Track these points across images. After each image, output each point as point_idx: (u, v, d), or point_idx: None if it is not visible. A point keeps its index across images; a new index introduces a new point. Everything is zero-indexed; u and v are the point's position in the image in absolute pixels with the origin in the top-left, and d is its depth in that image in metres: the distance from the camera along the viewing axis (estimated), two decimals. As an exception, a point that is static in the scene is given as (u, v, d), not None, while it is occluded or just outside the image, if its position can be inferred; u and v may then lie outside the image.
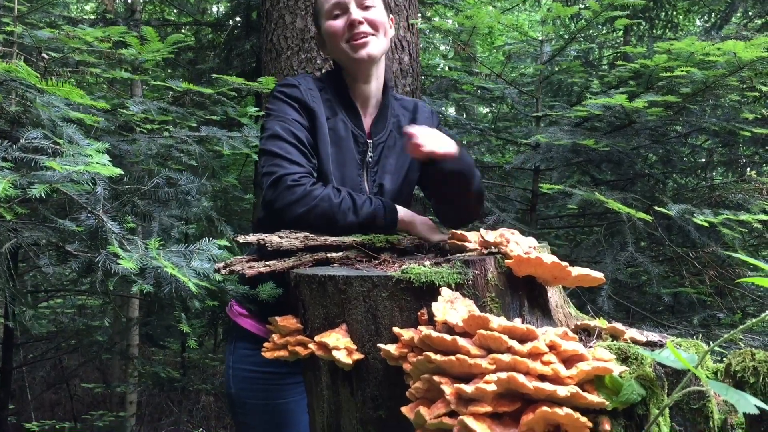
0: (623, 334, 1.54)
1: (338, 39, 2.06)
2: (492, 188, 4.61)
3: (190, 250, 1.89)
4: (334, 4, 2.06)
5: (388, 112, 2.20)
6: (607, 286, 3.37)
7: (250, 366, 2.16)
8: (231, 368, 2.21)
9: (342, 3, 2.06)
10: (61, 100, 2.28)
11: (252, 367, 2.16)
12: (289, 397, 2.17)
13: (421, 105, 2.33)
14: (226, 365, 2.25)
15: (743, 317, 3.92)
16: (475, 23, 3.58)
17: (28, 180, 1.77)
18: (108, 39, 2.83)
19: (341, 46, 2.07)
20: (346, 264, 1.69)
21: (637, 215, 3.01)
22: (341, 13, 2.06)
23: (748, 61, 3.12)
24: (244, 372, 2.17)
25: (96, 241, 1.96)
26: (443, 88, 5.59)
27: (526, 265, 1.45)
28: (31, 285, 6.06)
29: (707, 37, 6.57)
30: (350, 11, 2.05)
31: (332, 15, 2.07)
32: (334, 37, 2.07)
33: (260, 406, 2.16)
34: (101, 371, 7.89)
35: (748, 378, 1.28)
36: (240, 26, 5.82)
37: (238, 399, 2.19)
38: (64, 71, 2.82)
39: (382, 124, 2.17)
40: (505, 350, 1.24)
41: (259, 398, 2.16)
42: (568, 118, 4.23)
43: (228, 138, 3.39)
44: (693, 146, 5.19)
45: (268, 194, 1.88)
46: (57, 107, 2.24)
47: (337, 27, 2.06)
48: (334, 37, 2.07)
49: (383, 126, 2.17)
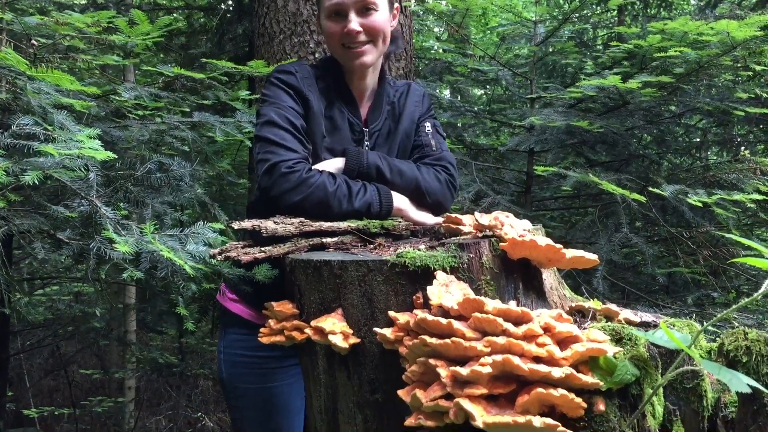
0: (617, 315, 1.55)
1: (334, 41, 2.05)
2: (487, 170, 4.60)
3: (185, 234, 1.89)
4: (335, 4, 2.01)
5: (383, 100, 2.19)
6: (602, 267, 3.38)
7: (242, 351, 2.17)
8: (222, 353, 2.22)
9: (342, 7, 2.00)
10: (51, 87, 2.26)
11: (244, 352, 2.16)
12: (282, 381, 2.18)
13: (414, 88, 2.31)
14: (218, 350, 2.25)
15: (737, 296, 3.95)
16: (468, 5, 3.56)
17: (21, 167, 1.76)
18: (97, 24, 2.80)
19: (337, 50, 2.06)
20: (341, 249, 1.69)
21: (632, 196, 3.02)
22: (340, 16, 2.02)
23: (742, 41, 3.12)
24: (236, 357, 2.18)
25: (89, 228, 1.96)
26: (437, 71, 5.57)
27: (521, 248, 1.46)
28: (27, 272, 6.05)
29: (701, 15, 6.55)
30: (349, 18, 2.00)
31: (330, 15, 2.03)
32: (331, 38, 2.06)
33: (253, 390, 2.17)
34: (99, 357, 7.90)
35: (740, 357, 1.29)
36: (232, 10, 5.78)
37: (231, 384, 2.20)
38: (54, 57, 2.79)
39: (377, 112, 2.17)
40: (500, 333, 1.24)
41: (251, 382, 2.17)
42: (562, 99, 4.22)
43: (221, 123, 3.37)
44: (687, 126, 5.19)
45: (263, 181, 1.87)
46: (47, 94, 2.23)
47: (333, 30, 2.03)
48: (330, 37, 2.06)
49: (379, 114, 2.16)
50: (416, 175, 2.02)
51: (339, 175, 1.91)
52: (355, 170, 1.95)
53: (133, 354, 6.37)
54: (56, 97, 2.25)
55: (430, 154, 2.16)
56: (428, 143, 2.18)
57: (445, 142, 2.26)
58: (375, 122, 2.15)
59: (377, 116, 2.16)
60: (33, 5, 4.18)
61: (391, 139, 2.17)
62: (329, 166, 1.96)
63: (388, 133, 2.17)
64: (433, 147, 2.18)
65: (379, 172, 1.96)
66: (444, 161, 2.14)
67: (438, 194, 2.06)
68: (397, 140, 2.17)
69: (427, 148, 2.17)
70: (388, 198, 1.92)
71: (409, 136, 2.20)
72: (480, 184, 4.03)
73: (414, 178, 2.02)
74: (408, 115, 2.21)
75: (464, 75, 5.40)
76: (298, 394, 2.19)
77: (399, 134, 2.18)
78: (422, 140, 2.20)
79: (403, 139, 2.18)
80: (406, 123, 2.20)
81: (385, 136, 2.17)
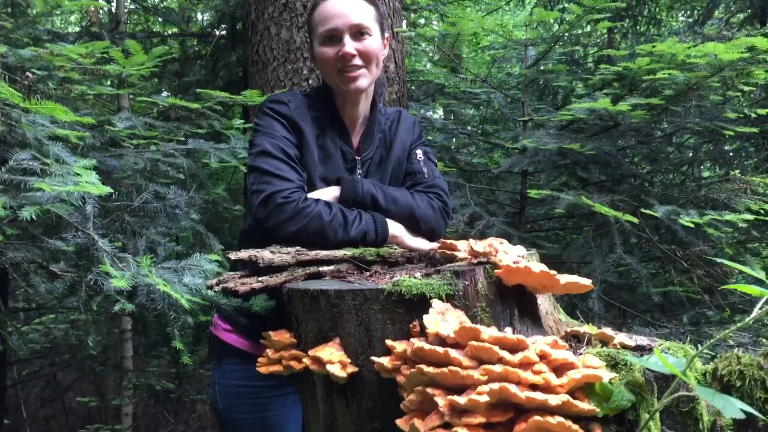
0: (612, 339, 1.56)
1: (329, 67, 2.05)
2: (481, 192, 4.63)
3: (182, 266, 1.89)
4: (329, 29, 2.03)
5: (375, 128, 2.20)
6: (597, 287, 3.40)
7: (237, 381, 2.15)
8: (218, 384, 2.20)
9: (337, 32, 2.02)
10: (45, 118, 2.28)
11: (239, 382, 2.15)
12: (278, 410, 2.16)
13: (405, 115, 2.32)
14: (213, 381, 2.24)
15: (732, 314, 3.96)
16: (459, 30, 3.60)
17: (18, 202, 1.78)
18: (92, 54, 2.83)
19: (332, 74, 2.06)
20: (338, 277, 1.70)
21: (624, 218, 3.04)
22: (335, 41, 2.03)
23: (729, 63, 3.16)
24: (231, 387, 2.16)
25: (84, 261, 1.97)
26: (430, 93, 5.62)
27: (515, 275, 1.47)
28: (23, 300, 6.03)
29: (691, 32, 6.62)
30: (344, 42, 2.02)
31: (325, 41, 2.04)
32: (325, 64, 2.06)
33: (250, 420, 2.15)
34: (96, 384, 7.84)
35: (734, 382, 1.30)
36: (226, 37, 5.82)
37: (227, 415, 2.18)
38: (49, 88, 2.81)
39: (369, 140, 2.18)
40: (496, 361, 1.25)
41: (247, 412, 2.15)
42: (554, 121, 4.26)
43: (215, 150, 3.40)
44: (678, 145, 5.24)
45: (259, 212, 1.88)
46: (42, 126, 2.24)
47: (329, 55, 2.04)
48: (325, 63, 2.06)
49: (370, 142, 2.18)
50: (410, 203, 2.04)
51: (335, 204, 1.92)
52: (350, 199, 1.96)
53: (130, 381, 6.33)
54: (51, 129, 2.27)
55: (423, 181, 2.17)
56: (420, 170, 2.20)
57: (437, 169, 2.28)
58: (367, 150, 2.16)
59: (369, 144, 2.17)
60: (28, 35, 4.21)
61: (383, 167, 2.18)
62: (325, 195, 1.97)
63: (380, 161, 2.19)
64: (425, 174, 2.19)
65: (374, 200, 1.98)
66: (436, 188, 2.16)
67: (432, 221, 2.07)
68: (389, 168, 2.19)
69: (419, 176, 2.19)
70: (383, 226, 1.94)
71: (401, 163, 2.22)
72: (474, 206, 4.05)
73: (408, 205, 2.03)
74: (399, 143, 2.22)
75: (456, 97, 5.45)
76: (295, 423, 2.18)
77: (391, 162, 2.19)
78: (414, 167, 2.21)
79: (395, 167, 2.20)
80: (398, 151, 2.21)
81: (377, 164, 2.18)
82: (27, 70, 2.71)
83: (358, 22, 2.03)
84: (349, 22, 2.02)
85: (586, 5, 3.46)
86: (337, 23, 2.02)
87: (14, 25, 3.08)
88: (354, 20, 2.02)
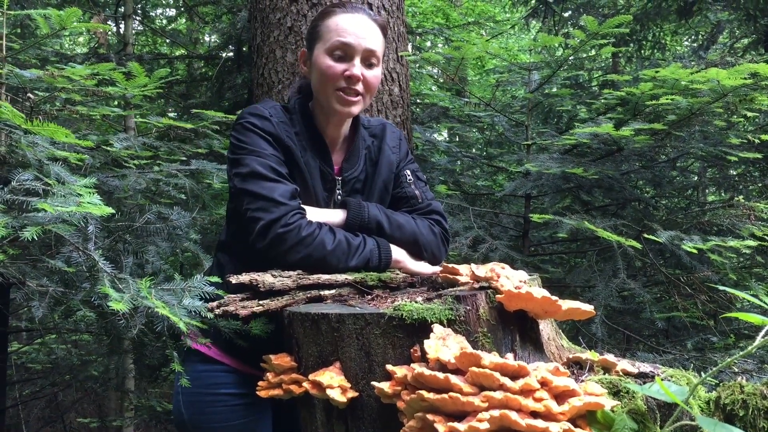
0: (615, 366, 1.55)
1: (328, 81, 1.97)
2: (484, 215, 4.62)
3: (182, 288, 1.88)
4: (344, 43, 1.95)
5: (359, 146, 2.14)
6: (600, 312, 3.38)
7: (204, 389, 2.04)
8: (182, 394, 2.07)
9: (350, 50, 1.96)
10: (46, 140, 2.29)
11: (205, 390, 2.04)
12: (248, 417, 2.06)
13: (389, 130, 2.24)
14: (175, 392, 2.11)
15: (737, 340, 3.93)
16: (463, 54, 3.62)
17: (20, 222, 1.78)
18: (96, 76, 2.84)
19: (328, 90, 1.99)
20: (339, 301, 1.70)
21: (627, 243, 3.03)
22: (345, 58, 1.96)
23: (731, 89, 3.17)
24: (199, 396, 2.05)
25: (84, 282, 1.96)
26: (434, 116, 5.64)
27: (517, 300, 1.46)
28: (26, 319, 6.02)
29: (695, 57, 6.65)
30: (354, 63, 1.96)
31: (333, 53, 1.96)
32: (325, 77, 1.97)
33: (218, 429, 2.04)
34: (97, 405, 7.80)
35: (737, 411, 1.28)
36: (232, 60, 5.87)
37: (194, 425, 2.06)
38: (51, 110, 2.82)
39: (354, 159, 2.11)
40: (497, 387, 1.24)
41: (216, 421, 2.04)
42: (557, 145, 4.27)
43: (218, 171, 3.41)
44: (682, 169, 5.24)
45: (258, 242, 1.82)
46: (42, 147, 2.25)
47: (334, 70, 1.95)
48: (325, 76, 1.97)
49: (356, 161, 2.12)
50: (414, 230, 2.02)
51: (338, 231, 1.89)
52: (356, 224, 1.94)
53: (131, 402, 6.30)
54: (51, 150, 2.27)
55: (419, 207, 2.14)
56: (413, 194, 2.16)
57: (427, 186, 2.24)
58: (351, 170, 2.10)
59: (354, 163, 2.11)
60: (35, 56, 4.25)
61: (369, 186, 2.13)
62: (331, 218, 1.95)
63: (365, 180, 2.13)
64: (419, 198, 2.16)
65: (380, 227, 1.96)
66: (435, 214, 2.14)
67: (434, 247, 2.06)
68: (375, 189, 2.13)
69: (414, 200, 2.15)
70: (387, 252, 1.92)
71: (388, 185, 2.16)
72: (477, 230, 4.04)
73: (413, 232, 2.02)
74: (386, 163, 2.16)
75: (461, 120, 5.47)
76: (266, 429, 2.11)
77: (377, 182, 2.13)
78: (406, 192, 2.17)
79: (381, 189, 2.14)
80: (385, 172, 2.15)
81: (362, 182, 2.13)
82: (29, 91, 2.73)
83: (373, 48, 1.99)
84: (364, 46, 1.97)
85: (589, 30, 3.47)
86: (353, 41, 1.95)
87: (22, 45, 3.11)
88: (369, 45, 1.98)
